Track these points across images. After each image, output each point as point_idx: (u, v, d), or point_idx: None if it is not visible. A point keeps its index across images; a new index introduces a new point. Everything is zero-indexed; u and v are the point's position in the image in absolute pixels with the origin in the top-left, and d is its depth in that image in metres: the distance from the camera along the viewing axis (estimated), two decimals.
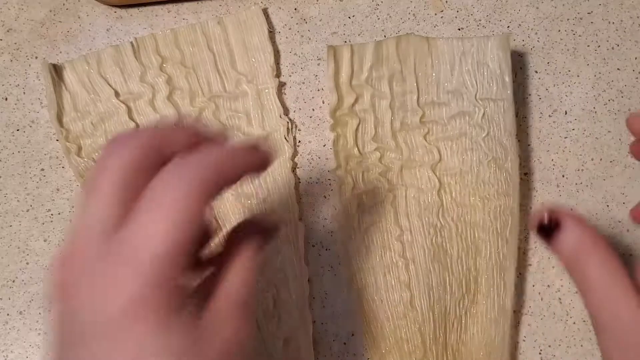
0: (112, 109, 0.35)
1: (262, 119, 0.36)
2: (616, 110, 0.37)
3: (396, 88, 0.35)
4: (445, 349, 0.33)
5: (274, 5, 0.38)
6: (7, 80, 0.36)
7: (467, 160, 0.35)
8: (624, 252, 0.35)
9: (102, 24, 0.37)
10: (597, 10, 0.38)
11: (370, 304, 0.34)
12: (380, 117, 0.35)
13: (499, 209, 0.34)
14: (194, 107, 0.35)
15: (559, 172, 0.36)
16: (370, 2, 0.38)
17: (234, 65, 0.36)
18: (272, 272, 0.34)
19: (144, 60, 0.35)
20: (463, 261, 0.34)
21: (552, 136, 0.37)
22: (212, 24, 0.36)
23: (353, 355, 0.34)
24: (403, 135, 0.35)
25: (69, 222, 0.35)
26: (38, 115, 0.36)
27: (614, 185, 0.36)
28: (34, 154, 0.36)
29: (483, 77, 0.35)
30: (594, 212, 0.36)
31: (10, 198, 0.35)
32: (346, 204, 0.34)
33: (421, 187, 0.34)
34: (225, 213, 0.34)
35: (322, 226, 0.35)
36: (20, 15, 0.37)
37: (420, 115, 0.35)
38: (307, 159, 0.36)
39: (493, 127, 0.35)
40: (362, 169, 0.35)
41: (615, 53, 0.37)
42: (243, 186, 0.35)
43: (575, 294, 0.35)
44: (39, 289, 0.34)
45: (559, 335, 0.35)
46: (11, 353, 0.33)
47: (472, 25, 0.38)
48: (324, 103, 0.37)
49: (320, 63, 0.37)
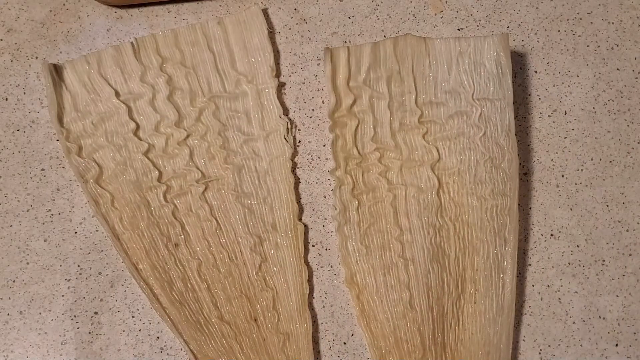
0: (113, 109, 0.35)
1: (262, 119, 0.36)
2: (616, 110, 0.37)
3: (394, 88, 0.35)
4: (444, 349, 0.33)
5: (274, 5, 0.38)
6: (7, 80, 0.36)
7: (464, 159, 0.35)
8: (623, 252, 0.35)
9: (102, 24, 0.37)
10: (596, 10, 0.38)
11: (370, 304, 0.34)
12: (379, 117, 0.35)
13: (495, 208, 0.34)
14: (194, 107, 0.35)
15: (558, 172, 0.36)
16: (370, 2, 0.38)
17: (233, 66, 0.36)
18: (272, 273, 0.34)
19: (144, 60, 0.35)
20: (460, 261, 0.34)
21: (552, 136, 0.37)
22: (212, 24, 0.36)
23: (353, 355, 0.34)
24: (402, 135, 0.35)
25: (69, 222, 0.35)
26: (38, 116, 0.36)
27: (613, 185, 0.36)
28: (34, 154, 0.36)
29: (480, 76, 0.35)
30: (594, 212, 0.36)
31: (10, 198, 0.35)
32: (346, 204, 0.34)
33: (421, 186, 0.35)
34: (226, 213, 0.35)
35: (322, 226, 0.36)
36: (21, 15, 0.37)
37: (419, 115, 0.35)
38: (307, 159, 0.36)
39: (490, 127, 0.35)
40: (362, 170, 0.35)
41: (615, 53, 0.37)
42: (243, 186, 0.35)
43: (575, 294, 0.35)
44: (39, 289, 0.34)
45: (559, 335, 0.35)
46: (11, 353, 0.34)
47: (472, 26, 0.38)
48: (324, 103, 0.37)
49: (320, 63, 0.37)
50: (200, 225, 0.34)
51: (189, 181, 0.35)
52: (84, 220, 0.35)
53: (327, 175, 0.36)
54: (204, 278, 0.34)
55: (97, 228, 0.35)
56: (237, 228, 0.34)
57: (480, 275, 0.34)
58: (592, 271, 0.35)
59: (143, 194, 0.34)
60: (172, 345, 0.34)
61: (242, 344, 0.33)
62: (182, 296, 0.33)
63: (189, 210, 0.34)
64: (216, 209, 0.35)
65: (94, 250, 0.35)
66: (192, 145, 0.35)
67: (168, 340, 0.34)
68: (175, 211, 0.34)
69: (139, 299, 0.34)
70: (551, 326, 0.35)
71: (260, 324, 0.34)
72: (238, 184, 0.35)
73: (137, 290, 0.34)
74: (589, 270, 0.35)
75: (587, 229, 0.36)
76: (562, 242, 0.36)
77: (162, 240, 0.34)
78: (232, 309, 0.34)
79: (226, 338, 0.33)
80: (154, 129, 0.35)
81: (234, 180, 0.35)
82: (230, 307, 0.34)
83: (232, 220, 0.34)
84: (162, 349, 0.34)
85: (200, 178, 0.35)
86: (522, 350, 0.35)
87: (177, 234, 0.34)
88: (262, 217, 0.35)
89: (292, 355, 0.33)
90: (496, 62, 0.34)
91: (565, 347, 0.34)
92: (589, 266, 0.35)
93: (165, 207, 0.34)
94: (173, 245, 0.34)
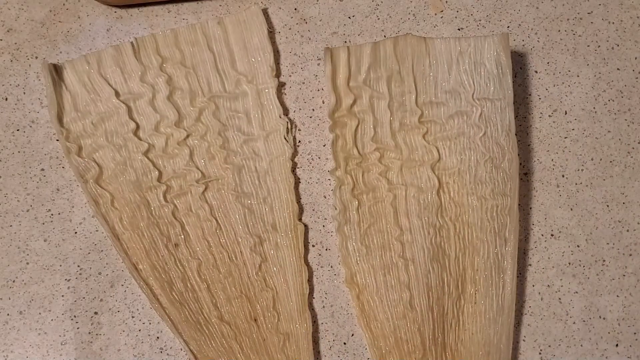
0: (113, 109, 0.35)
1: (262, 119, 0.36)
2: (616, 110, 0.37)
3: (394, 88, 0.35)
4: (444, 349, 0.33)
5: (274, 5, 0.38)
6: (7, 80, 0.36)
7: (465, 159, 0.35)
8: (623, 252, 0.35)
9: (102, 24, 0.37)
10: (597, 10, 0.38)
11: (370, 304, 0.34)
12: (379, 117, 0.35)
13: (496, 208, 0.34)
14: (194, 107, 0.35)
15: (558, 172, 0.36)
16: (370, 2, 0.38)
17: (233, 65, 0.36)
18: (272, 273, 0.34)
19: (144, 60, 0.35)
20: (460, 261, 0.34)
21: (552, 136, 0.37)
22: (212, 24, 0.36)
23: (353, 355, 0.34)
24: (402, 135, 0.35)
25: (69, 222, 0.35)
26: (38, 115, 0.36)
27: (614, 185, 0.36)
28: (34, 154, 0.36)
29: (480, 76, 0.35)
30: (594, 212, 0.36)
31: (10, 198, 0.35)
32: (346, 204, 0.34)
33: (421, 186, 0.35)
34: (225, 213, 0.35)
35: (322, 226, 0.35)
36: (21, 15, 0.37)
37: (419, 115, 0.35)
38: (307, 159, 0.36)
39: (490, 127, 0.35)
40: (362, 170, 0.35)
41: (615, 53, 0.37)
42: (243, 186, 0.35)
43: (575, 294, 0.35)
44: (39, 289, 0.34)
45: (559, 335, 0.35)
46: (11, 353, 0.34)
47: (472, 26, 0.38)
48: (324, 103, 0.37)
49: (320, 63, 0.37)
50: (200, 225, 0.34)
51: (189, 181, 0.35)
52: (84, 220, 0.35)
53: (327, 175, 0.36)
54: (204, 278, 0.34)
55: (97, 228, 0.35)
56: (237, 228, 0.34)
57: (481, 275, 0.34)
58: (593, 271, 0.35)
59: (143, 194, 0.34)
60: (172, 345, 0.34)
61: (242, 344, 0.33)
62: (182, 296, 0.33)
63: (189, 210, 0.34)
64: (216, 209, 0.35)
65: (94, 250, 0.35)
66: (192, 145, 0.35)
67: (168, 340, 0.34)
68: (175, 211, 0.34)
69: (139, 299, 0.34)
70: (551, 326, 0.35)
71: (260, 324, 0.34)
72: (238, 184, 0.35)
73: (137, 290, 0.34)
74: (589, 271, 0.35)
75: (587, 229, 0.36)
76: (562, 242, 0.36)
77: (162, 240, 0.34)
78: (232, 309, 0.34)
79: (226, 338, 0.33)
80: (153, 129, 0.35)
81: (234, 180, 0.35)
82: (230, 307, 0.34)
83: (232, 220, 0.34)
84: (162, 349, 0.34)
85: (200, 178, 0.35)
86: (522, 351, 0.35)
87: (177, 234, 0.34)
88: (262, 217, 0.35)
89: (292, 356, 0.33)
90: (496, 62, 0.34)
91: (566, 347, 0.34)
92: (589, 266, 0.35)
93: (165, 207, 0.34)
94: (173, 245, 0.34)
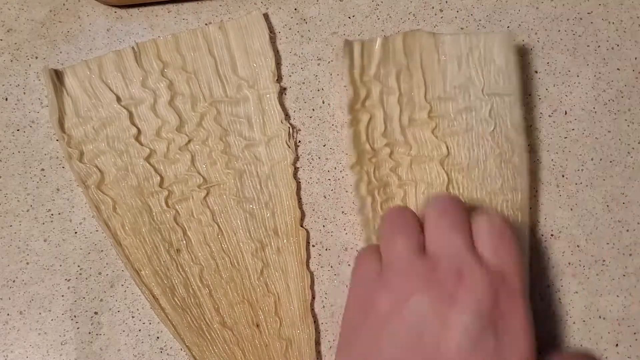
0: (114, 114, 0.35)
1: (263, 124, 0.35)
2: (616, 110, 0.37)
3: (404, 84, 0.35)
4: None
5: (273, 5, 0.38)
6: (7, 80, 0.36)
7: (474, 155, 0.35)
8: (623, 252, 0.35)
9: (102, 24, 0.37)
10: (597, 10, 0.38)
11: None
12: (389, 112, 0.35)
13: (505, 204, 0.34)
14: (196, 112, 0.35)
15: (558, 172, 0.36)
16: (370, 2, 0.38)
17: (235, 70, 0.36)
18: (274, 278, 0.34)
19: (145, 65, 0.35)
20: None
21: (552, 136, 0.37)
22: (213, 28, 0.36)
23: None
24: (412, 130, 0.35)
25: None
26: (38, 116, 0.36)
27: (614, 185, 0.36)
28: (34, 154, 0.36)
29: (489, 72, 0.35)
30: (594, 212, 0.36)
31: (10, 198, 0.35)
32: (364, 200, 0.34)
33: (430, 182, 0.34)
34: (227, 218, 0.34)
35: (322, 226, 0.35)
36: (21, 15, 0.37)
37: (428, 110, 0.35)
38: (307, 159, 0.36)
39: (499, 122, 0.35)
40: (374, 165, 0.35)
41: (615, 53, 0.37)
42: (244, 191, 0.35)
43: (576, 294, 0.35)
44: (39, 289, 0.34)
45: (559, 335, 0.35)
46: (11, 353, 0.33)
47: (472, 26, 0.38)
48: (324, 103, 0.37)
49: (320, 63, 0.37)
50: (202, 230, 0.34)
51: (191, 186, 0.34)
52: (84, 220, 0.35)
53: (327, 175, 0.36)
54: (206, 283, 0.34)
55: (97, 228, 0.35)
56: (238, 233, 0.34)
57: None
58: (593, 271, 0.35)
59: (145, 199, 0.34)
60: (172, 346, 0.34)
61: (245, 349, 0.33)
62: (184, 302, 0.33)
63: (191, 215, 0.34)
64: (218, 214, 0.34)
65: (94, 250, 0.35)
66: (194, 150, 0.35)
67: (168, 341, 0.34)
68: (176, 216, 0.34)
69: (139, 299, 0.34)
70: (551, 326, 0.35)
71: (262, 329, 0.34)
72: (239, 189, 0.35)
73: (137, 291, 0.34)
74: (589, 270, 0.35)
75: (587, 229, 0.36)
76: (562, 242, 0.36)
77: (164, 246, 0.34)
78: (234, 314, 0.34)
79: (228, 344, 0.33)
80: (155, 134, 0.35)
81: (236, 186, 0.35)
82: (232, 313, 0.34)
83: (234, 226, 0.34)
84: (162, 349, 0.34)
85: (201, 183, 0.34)
86: None
87: (179, 240, 0.34)
88: (264, 222, 0.35)
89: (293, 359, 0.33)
90: (506, 57, 0.34)
91: (566, 348, 0.34)
92: (589, 266, 0.35)
93: (166, 212, 0.34)
94: (175, 251, 0.34)
